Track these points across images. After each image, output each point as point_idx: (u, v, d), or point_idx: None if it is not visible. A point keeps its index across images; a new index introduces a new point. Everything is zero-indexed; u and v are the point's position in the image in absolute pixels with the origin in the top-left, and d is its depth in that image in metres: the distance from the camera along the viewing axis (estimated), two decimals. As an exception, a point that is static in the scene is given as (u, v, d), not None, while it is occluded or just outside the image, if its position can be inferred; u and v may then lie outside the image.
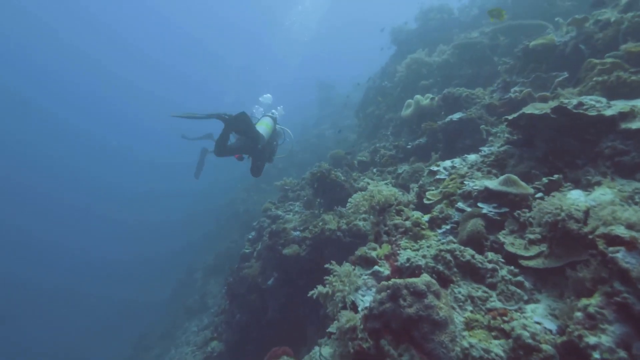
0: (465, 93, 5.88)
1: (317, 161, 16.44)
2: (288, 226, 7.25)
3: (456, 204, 2.90)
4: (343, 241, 5.65)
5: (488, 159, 3.31)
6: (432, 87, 9.29)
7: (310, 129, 22.66)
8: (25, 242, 43.82)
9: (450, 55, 9.17)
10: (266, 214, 9.31)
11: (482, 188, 2.83)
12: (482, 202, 2.71)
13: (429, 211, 3.36)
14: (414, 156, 6.92)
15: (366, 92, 13.18)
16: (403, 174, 6.55)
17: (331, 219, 5.79)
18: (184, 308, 17.93)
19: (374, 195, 3.36)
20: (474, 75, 8.28)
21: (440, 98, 6.45)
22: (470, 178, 3.17)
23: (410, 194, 4.29)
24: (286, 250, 6.37)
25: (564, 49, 4.75)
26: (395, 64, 11.68)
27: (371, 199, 3.37)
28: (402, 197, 3.49)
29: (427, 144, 6.63)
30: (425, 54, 9.77)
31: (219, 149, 6.27)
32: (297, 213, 8.73)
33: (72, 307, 32.75)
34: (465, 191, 2.99)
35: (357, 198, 3.57)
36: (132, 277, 33.97)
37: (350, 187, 7.05)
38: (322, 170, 6.90)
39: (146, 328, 21.57)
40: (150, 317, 22.96)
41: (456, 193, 3.11)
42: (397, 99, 10.62)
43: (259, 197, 18.38)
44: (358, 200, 3.54)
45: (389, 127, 10.00)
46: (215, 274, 17.71)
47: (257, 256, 8.09)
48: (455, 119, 5.48)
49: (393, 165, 7.30)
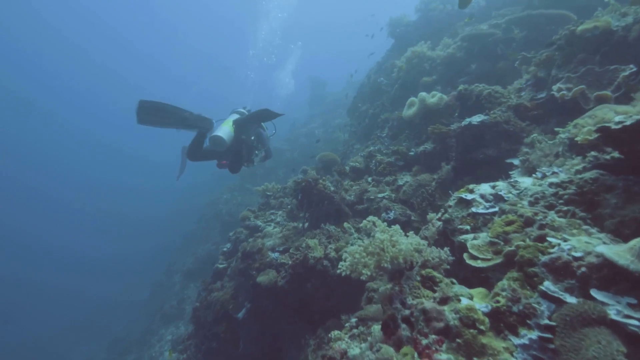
0: (487, 91, 4.63)
1: (306, 161, 15.28)
2: (266, 243, 5.97)
3: (540, 282, 1.63)
4: (330, 274, 4.39)
5: (565, 191, 2.05)
6: (435, 85, 8.07)
7: (300, 127, 21.32)
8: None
9: (456, 49, 7.94)
10: (244, 223, 8.01)
11: (597, 260, 1.52)
12: (600, 289, 1.38)
13: (477, 276, 2.12)
14: (417, 165, 5.69)
15: (359, 88, 11.91)
16: (405, 186, 5.30)
17: (316, 245, 4.52)
18: (161, 313, 16.72)
19: (386, 250, 2.12)
20: (485, 71, 7.07)
21: (454, 96, 5.20)
22: (543, 221, 1.91)
23: (430, 230, 3.03)
24: (261, 278, 5.08)
25: (625, 35, 3.55)
26: (393, 59, 10.43)
27: (380, 256, 2.14)
28: (430, 252, 2.18)
29: (435, 152, 5.40)
30: (427, 47, 8.53)
31: (193, 153, 5.48)
32: (278, 225, 7.46)
33: (46, 302, 31.31)
34: (555, 259, 1.59)
35: (356, 253, 2.34)
36: (110, 274, 33.07)
37: (341, 199, 5.79)
38: (308, 179, 5.63)
39: (121, 330, 20.52)
40: (127, 317, 21.99)
41: (534, 260, 1.71)
42: (394, 97, 9.38)
43: (243, 198, 17.10)
44: (358, 256, 2.31)
45: (385, 128, 8.75)
46: (194, 279, 16.51)
47: (230, 276, 6.79)
48: (476, 123, 4.25)
49: (392, 174, 6.06)
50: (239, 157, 5.81)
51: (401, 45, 10.84)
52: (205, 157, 5.71)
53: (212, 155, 5.80)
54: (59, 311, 29.42)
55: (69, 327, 26.06)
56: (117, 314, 24.72)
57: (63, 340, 24.62)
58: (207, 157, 5.76)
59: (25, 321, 28.76)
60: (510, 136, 4.11)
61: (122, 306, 25.44)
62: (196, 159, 5.65)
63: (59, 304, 30.87)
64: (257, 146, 6.71)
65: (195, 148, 5.48)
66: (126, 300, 25.79)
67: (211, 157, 5.82)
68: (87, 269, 36.26)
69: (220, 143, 5.33)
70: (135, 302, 23.46)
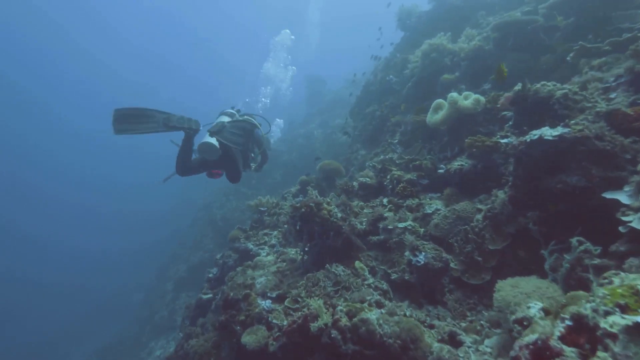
0: (562, 92, 3.24)
1: (305, 164, 13.87)
2: (257, 281, 4.61)
3: None
4: (342, 350, 3.02)
5: None
6: (458, 83, 6.69)
7: (298, 127, 19.86)
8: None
9: (484, 40, 6.57)
10: (233, 245, 6.65)
11: None
12: None
13: None
14: (449, 187, 4.32)
15: (365, 87, 10.50)
16: (437, 217, 3.93)
17: (321, 308, 3.13)
18: (151, 324, 15.48)
19: None
20: (524, 67, 5.70)
21: (508, 99, 3.78)
22: None
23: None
24: (247, 338, 3.70)
25: None
26: (404, 54, 9.03)
27: None
28: None
29: (475, 171, 4.03)
30: (447, 39, 7.14)
31: (182, 166, 4.81)
32: (272, 249, 6.11)
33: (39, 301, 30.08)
34: None
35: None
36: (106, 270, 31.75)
37: (351, 229, 4.43)
38: (309, 203, 4.25)
39: (113, 335, 19.45)
40: (119, 319, 20.96)
41: None
42: (406, 97, 8.00)
43: (238, 203, 15.74)
44: None
45: (396, 133, 7.38)
46: (186, 288, 15.23)
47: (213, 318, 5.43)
48: (550, 138, 2.87)
49: (413, 196, 4.68)
50: (235, 163, 4.99)
51: (413, 38, 9.43)
52: (196, 169, 5.04)
53: (204, 166, 5.08)
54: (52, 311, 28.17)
55: (61, 329, 24.86)
56: (110, 315, 23.59)
57: (55, 344, 23.36)
58: (198, 170, 5.08)
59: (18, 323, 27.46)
60: (605, 158, 2.76)
61: (116, 307, 24.29)
62: (186, 173, 4.93)
63: (51, 304, 29.60)
64: (251, 148, 5.65)
65: (183, 160, 4.76)
66: (119, 302, 24.59)
67: (203, 168, 5.10)
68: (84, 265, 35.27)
69: (211, 151, 4.67)
70: (128, 304, 22.35)
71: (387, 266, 4.13)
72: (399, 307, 3.13)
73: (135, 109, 4.31)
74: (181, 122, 4.48)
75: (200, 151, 4.74)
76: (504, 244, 3.20)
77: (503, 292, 2.58)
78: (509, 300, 2.44)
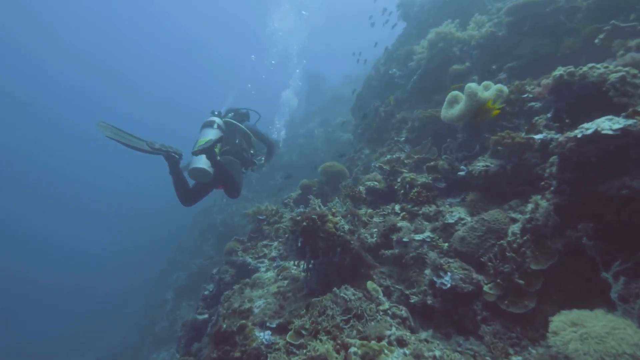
0: (618, 75, 2.61)
1: (306, 164, 13.27)
2: (253, 308, 4.04)
3: None
4: (358, 403, 2.44)
5: None
6: (469, 74, 6.08)
7: (297, 126, 19.23)
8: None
9: (497, 26, 5.94)
10: (230, 259, 6.07)
11: None
12: None
13: None
14: (473, 191, 3.72)
15: (366, 82, 9.88)
16: (462, 229, 3.33)
17: (330, 352, 2.53)
18: (152, 336, 14.95)
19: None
20: (544, 52, 5.09)
21: (547, 87, 3.14)
22: None
23: None
24: (243, 380, 3.13)
25: None
26: (407, 45, 8.41)
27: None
28: None
29: (504, 174, 3.43)
30: (455, 27, 6.53)
31: (184, 196, 4.59)
32: (272, 264, 5.54)
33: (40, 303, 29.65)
34: None
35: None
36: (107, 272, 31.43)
37: (360, 244, 3.83)
38: (312, 216, 3.66)
39: (114, 347, 18.85)
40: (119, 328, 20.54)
41: None
42: (411, 91, 7.40)
43: (238, 207, 15.13)
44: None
45: (402, 130, 6.79)
46: (187, 297, 14.69)
47: (206, 355, 4.83)
48: (610, 132, 2.27)
49: (430, 202, 4.08)
50: (232, 179, 4.63)
51: (416, 28, 8.81)
52: (200, 194, 4.77)
53: (206, 189, 4.80)
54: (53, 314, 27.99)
55: (61, 334, 24.46)
56: (112, 319, 23.43)
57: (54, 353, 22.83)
58: (201, 194, 4.80)
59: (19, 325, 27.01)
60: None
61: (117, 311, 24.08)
62: (192, 202, 4.70)
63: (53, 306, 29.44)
64: (246, 148, 5.30)
65: (182, 191, 4.53)
66: (121, 306, 24.13)
67: (205, 191, 4.82)
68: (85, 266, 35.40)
69: (203, 175, 4.42)
70: (129, 309, 22.07)
71: (404, 286, 3.54)
72: (426, 346, 2.53)
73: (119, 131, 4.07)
74: (163, 147, 4.23)
75: (192, 177, 4.52)
76: (550, 262, 2.60)
77: (564, 335, 1.99)
78: (577, 350, 1.84)
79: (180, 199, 4.60)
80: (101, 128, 3.87)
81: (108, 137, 3.92)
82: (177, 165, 4.39)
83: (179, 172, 4.42)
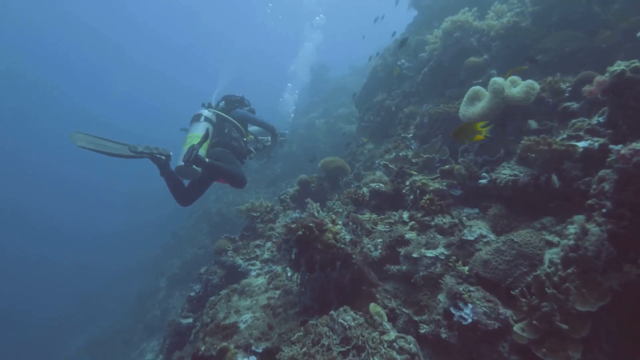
0: None
1: (306, 155, 12.70)
2: (239, 324, 3.54)
3: None
4: None
5: None
6: (487, 68, 5.49)
7: (299, 117, 18.56)
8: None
9: (519, 16, 5.34)
10: (219, 259, 5.56)
11: None
12: None
13: None
14: (496, 202, 3.18)
15: (371, 74, 9.25)
16: (483, 248, 2.80)
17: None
18: (144, 323, 14.57)
19: None
20: (575, 47, 4.51)
21: (601, 85, 2.51)
22: None
23: None
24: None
25: None
26: (418, 35, 7.78)
27: None
28: None
29: (536, 185, 2.88)
30: (472, 16, 5.91)
31: (181, 197, 4.27)
32: (263, 268, 5.03)
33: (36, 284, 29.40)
34: None
35: None
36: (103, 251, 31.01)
37: (363, 259, 3.30)
38: (308, 224, 3.12)
39: (106, 330, 18.48)
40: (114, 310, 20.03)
41: None
42: (420, 84, 6.81)
43: (235, 196, 14.64)
44: None
45: (410, 126, 6.22)
46: (179, 286, 14.33)
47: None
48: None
49: (444, 212, 3.54)
50: (225, 172, 4.23)
51: (428, 17, 8.16)
52: (197, 191, 4.41)
53: (201, 185, 4.43)
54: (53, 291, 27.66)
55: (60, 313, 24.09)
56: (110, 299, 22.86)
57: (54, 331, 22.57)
58: (197, 193, 4.43)
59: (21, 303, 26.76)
60: None
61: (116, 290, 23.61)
62: (190, 201, 4.37)
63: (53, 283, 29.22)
64: (236, 137, 4.79)
65: (177, 191, 4.20)
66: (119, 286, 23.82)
67: (201, 188, 4.45)
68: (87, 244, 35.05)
69: (192, 173, 4.19)
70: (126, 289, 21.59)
71: (412, 310, 3.03)
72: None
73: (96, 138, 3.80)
74: (147, 148, 3.91)
75: (181, 176, 4.22)
76: (601, 304, 2.07)
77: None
78: None
79: (177, 200, 4.29)
80: (74, 139, 3.59)
81: (82, 147, 3.61)
82: (166, 167, 4.04)
83: (169, 173, 4.08)
